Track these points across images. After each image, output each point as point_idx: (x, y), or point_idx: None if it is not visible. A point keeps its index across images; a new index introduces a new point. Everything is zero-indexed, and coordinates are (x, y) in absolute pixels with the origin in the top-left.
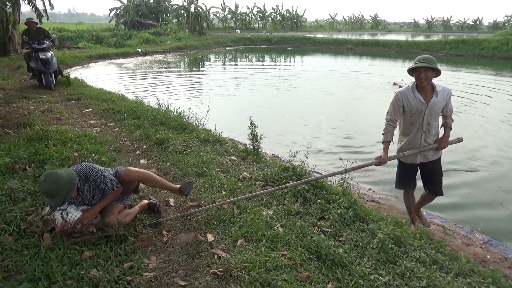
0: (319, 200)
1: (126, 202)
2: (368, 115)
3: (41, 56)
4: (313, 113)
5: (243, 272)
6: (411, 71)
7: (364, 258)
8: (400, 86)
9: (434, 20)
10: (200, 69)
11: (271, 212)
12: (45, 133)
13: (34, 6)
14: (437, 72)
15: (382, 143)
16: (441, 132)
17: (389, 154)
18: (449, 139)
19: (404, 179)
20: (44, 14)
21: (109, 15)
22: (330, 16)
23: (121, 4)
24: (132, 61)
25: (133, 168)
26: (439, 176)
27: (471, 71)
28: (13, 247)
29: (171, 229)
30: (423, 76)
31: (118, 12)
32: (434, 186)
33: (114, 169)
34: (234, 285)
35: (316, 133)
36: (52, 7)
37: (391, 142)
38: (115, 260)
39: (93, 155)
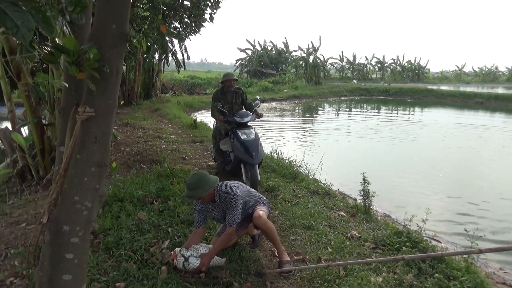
0: (437, 274)
1: (239, 232)
2: (505, 182)
3: (242, 136)
4: (432, 170)
5: None
6: None
7: None
8: None
9: None
10: (314, 117)
11: (380, 279)
12: (171, 171)
13: (176, 57)
14: None
15: None
16: None
17: None
18: None
19: None
20: (182, 65)
21: (235, 64)
22: (457, 67)
23: (246, 55)
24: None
25: (263, 217)
26: None
27: None
28: (136, 275)
29: (275, 281)
30: None
31: (242, 62)
32: None
33: (257, 197)
34: None
35: (434, 193)
36: (188, 58)
37: None
38: None
39: None
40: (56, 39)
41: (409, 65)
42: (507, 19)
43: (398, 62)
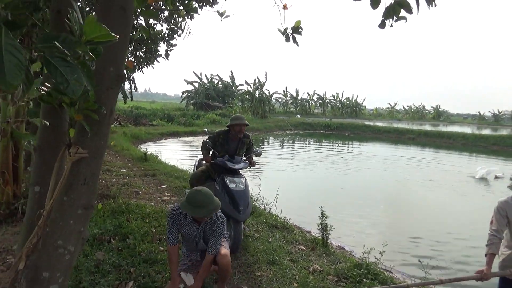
0: None
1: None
2: (444, 213)
3: (230, 185)
4: (374, 201)
5: None
6: None
7: None
8: (497, 177)
9: (502, 113)
10: (261, 148)
11: None
12: (127, 206)
13: (122, 88)
14: None
15: (485, 255)
16: None
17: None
18: None
19: None
20: (129, 96)
21: (181, 96)
22: (390, 105)
23: (193, 88)
24: (199, 140)
25: (229, 258)
26: None
27: None
28: None
29: None
30: None
31: (189, 94)
32: None
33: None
34: None
35: (378, 226)
36: (136, 89)
37: (497, 255)
38: None
39: None
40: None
41: (348, 102)
42: (431, 63)
43: (338, 99)
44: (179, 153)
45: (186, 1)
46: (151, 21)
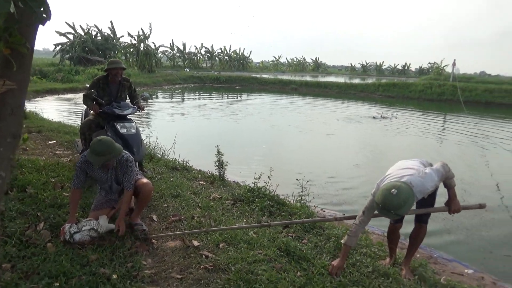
0: (283, 213)
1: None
2: (318, 146)
3: (121, 130)
4: (261, 143)
5: (229, 265)
6: None
7: (324, 254)
8: (381, 116)
9: (369, 64)
10: (151, 103)
11: (244, 223)
12: (17, 161)
13: None
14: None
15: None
16: None
17: None
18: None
19: None
20: None
21: (53, 50)
22: (275, 58)
23: (67, 40)
24: (82, 96)
25: (151, 185)
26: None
27: (402, 109)
28: (20, 255)
29: (159, 239)
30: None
31: (63, 47)
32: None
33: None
34: (224, 275)
35: (261, 160)
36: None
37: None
38: (118, 262)
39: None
40: None
41: (235, 55)
42: (310, 16)
43: (226, 52)
44: (62, 110)
45: None
46: None
